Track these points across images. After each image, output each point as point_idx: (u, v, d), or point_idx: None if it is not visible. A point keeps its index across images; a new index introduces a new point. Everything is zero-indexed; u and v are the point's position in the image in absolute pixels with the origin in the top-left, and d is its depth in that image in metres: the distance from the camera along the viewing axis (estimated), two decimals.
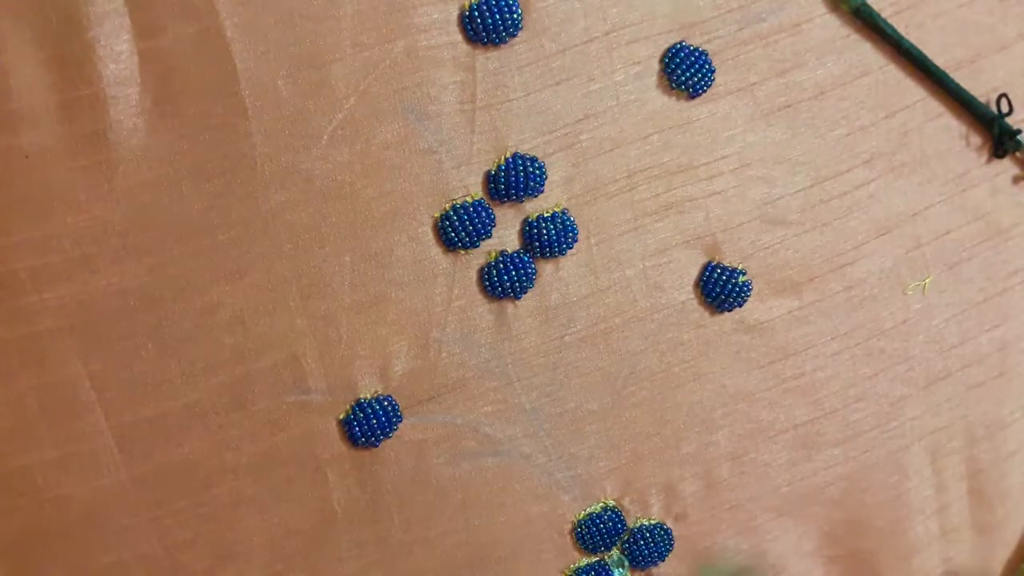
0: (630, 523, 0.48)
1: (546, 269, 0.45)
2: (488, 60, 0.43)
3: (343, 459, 0.44)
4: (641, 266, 0.46)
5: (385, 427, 0.43)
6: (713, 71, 0.45)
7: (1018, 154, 0.50)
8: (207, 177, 0.41)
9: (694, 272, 0.47)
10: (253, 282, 0.41)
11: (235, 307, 0.41)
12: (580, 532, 0.47)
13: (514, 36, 0.43)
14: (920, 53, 0.47)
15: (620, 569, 0.48)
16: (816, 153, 0.47)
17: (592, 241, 0.45)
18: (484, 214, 0.43)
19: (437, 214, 0.43)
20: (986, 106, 0.49)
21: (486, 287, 0.44)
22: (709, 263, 0.47)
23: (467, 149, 0.43)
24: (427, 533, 0.45)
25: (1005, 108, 0.49)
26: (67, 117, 0.39)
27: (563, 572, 0.48)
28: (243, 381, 0.42)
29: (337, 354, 0.43)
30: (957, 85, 0.48)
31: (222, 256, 0.41)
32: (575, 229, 0.45)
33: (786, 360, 0.48)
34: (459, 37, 0.43)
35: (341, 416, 0.43)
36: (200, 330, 0.41)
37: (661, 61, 0.45)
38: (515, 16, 0.43)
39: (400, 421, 0.44)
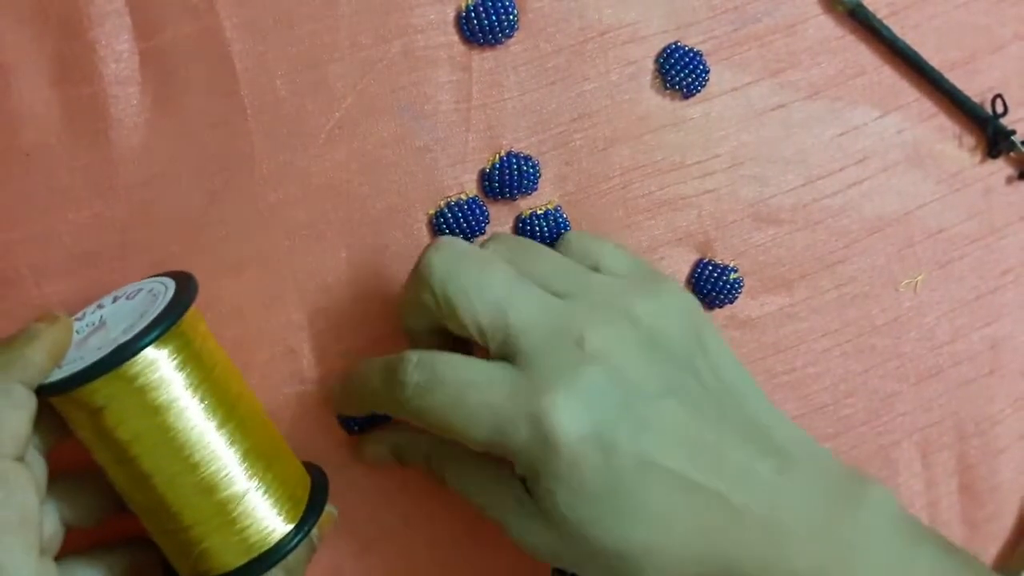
0: None
1: None
2: (484, 60, 0.44)
3: (341, 450, 0.45)
4: None
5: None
6: (707, 71, 0.46)
7: (1012, 154, 0.50)
8: (206, 175, 0.41)
9: (686, 269, 0.47)
10: (251, 277, 0.42)
11: (234, 301, 0.42)
12: None
13: (510, 37, 0.44)
14: (915, 54, 0.48)
15: None
16: (809, 152, 0.48)
17: None
18: (478, 211, 0.44)
19: (432, 211, 0.44)
20: (981, 107, 0.49)
21: None
22: (701, 260, 0.47)
23: (462, 147, 0.44)
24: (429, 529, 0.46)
25: (1000, 109, 0.49)
26: (68, 116, 0.40)
27: None
28: (241, 373, 0.42)
29: (332, 347, 0.44)
30: (952, 86, 0.48)
31: (221, 252, 0.42)
32: (568, 226, 0.45)
33: (777, 356, 0.49)
34: (456, 37, 0.43)
35: None
36: None
37: (656, 61, 0.45)
38: (511, 17, 0.43)
39: None
